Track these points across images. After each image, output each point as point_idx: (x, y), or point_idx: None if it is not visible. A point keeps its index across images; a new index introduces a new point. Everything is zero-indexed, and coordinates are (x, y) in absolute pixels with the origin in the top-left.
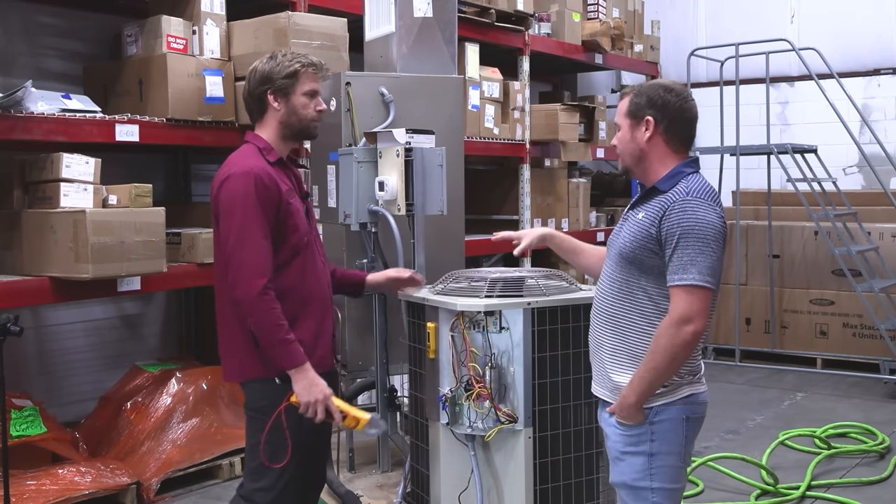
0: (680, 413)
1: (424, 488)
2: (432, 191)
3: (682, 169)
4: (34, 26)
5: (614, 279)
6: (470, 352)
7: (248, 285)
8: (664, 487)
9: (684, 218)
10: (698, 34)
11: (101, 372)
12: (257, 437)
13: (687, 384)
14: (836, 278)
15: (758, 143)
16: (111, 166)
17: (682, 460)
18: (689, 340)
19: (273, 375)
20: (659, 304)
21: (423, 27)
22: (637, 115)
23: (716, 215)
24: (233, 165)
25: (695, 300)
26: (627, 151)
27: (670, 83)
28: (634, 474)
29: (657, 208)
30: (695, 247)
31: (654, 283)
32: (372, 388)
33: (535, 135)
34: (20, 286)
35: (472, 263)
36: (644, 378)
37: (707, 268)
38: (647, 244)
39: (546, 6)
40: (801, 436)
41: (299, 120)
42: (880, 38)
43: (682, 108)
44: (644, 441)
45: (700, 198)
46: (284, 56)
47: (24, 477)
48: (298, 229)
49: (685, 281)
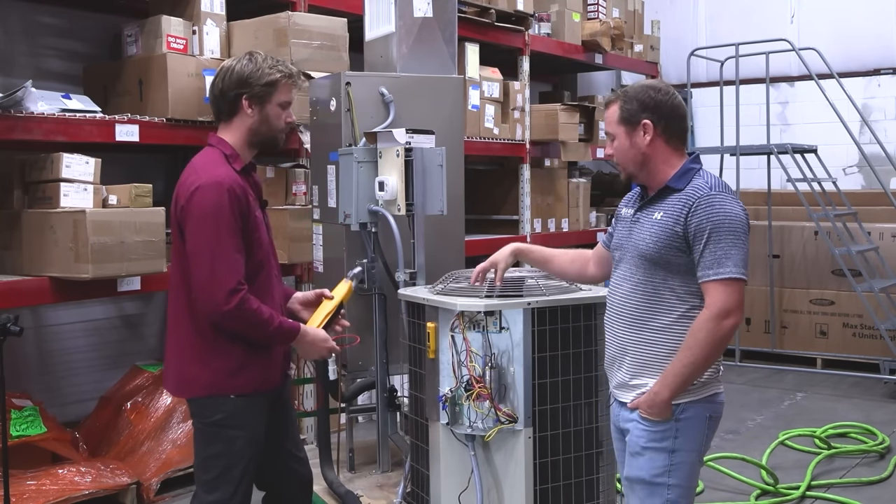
0: (704, 411)
1: (424, 488)
2: (432, 191)
3: (692, 165)
4: (34, 26)
5: (636, 282)
6: (470, 352)
7: (224, 300)
8: (680, 485)
9: (713, 213)
10: (698, 34)
11: (101, 372)
12: (211, 450)
13: (711, 382)
14: (836, 278)
15: (758, 143)
16: (111, 166)
17: (699, 459)
18: (728, 333)
19: (228, 393)
20: (686, 302)
21: (423, 27)
22: (632, 120)
23: (740, 208)
24: (201, 174)
25: (733, 292)
26: (629, 158)
27: (655, 83)
28: (654, 470)
29: (679, 206)
30: (727, 240)
31: (682, 281)
32: (372, 388)
33: (535, 135)
34: (20, 286)
35: (472, 263)
36: (680, 373)
37: (741, 260)
38: (674, 243)
39: (546, 6)
40: (801, 436)
41: (269, 129)
42: (880, 38)
43: (674, 105)
44: (668, 437)
45: (723, 192)
46: (265, 61)
47: (24, 477)
48: (262, 244)
49: (721, 275)
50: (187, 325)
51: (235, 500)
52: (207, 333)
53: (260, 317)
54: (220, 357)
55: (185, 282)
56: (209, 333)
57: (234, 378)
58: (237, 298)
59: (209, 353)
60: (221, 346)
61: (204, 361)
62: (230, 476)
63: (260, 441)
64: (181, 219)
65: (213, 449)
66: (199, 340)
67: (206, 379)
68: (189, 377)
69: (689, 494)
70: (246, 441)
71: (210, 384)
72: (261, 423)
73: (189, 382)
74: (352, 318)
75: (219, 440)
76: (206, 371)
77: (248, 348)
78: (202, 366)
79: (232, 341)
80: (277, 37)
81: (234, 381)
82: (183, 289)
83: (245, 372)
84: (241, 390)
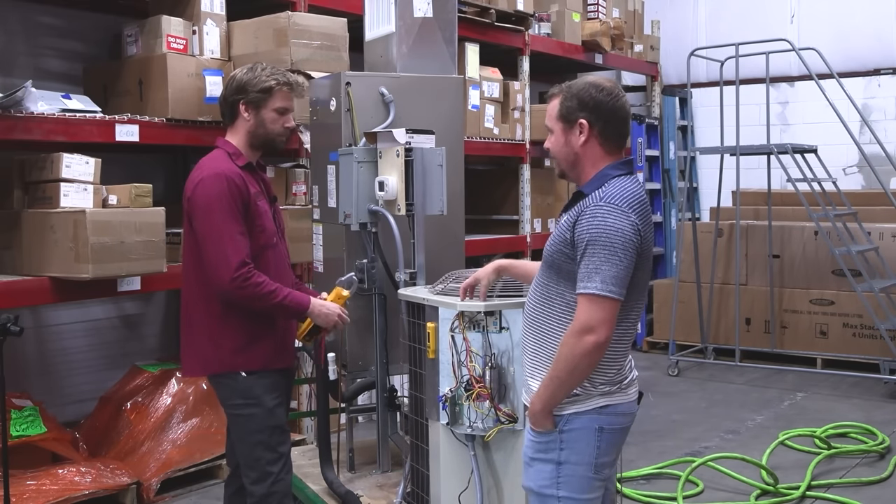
0: (592, 423)
1: (424, 488)
2: (432, 191)
3: (609, 171)
4: (34, 26)
5: (537, 283)
6: (470, 352)
7: (232, 273)
8: (572, 497)
9: (593, 224)
10: (698, 34)
11: (101, 372)
12: (244, 432)
13: (602, 395)
14: (836, 278)
15: (758, 143)
16: (111, 166)
17: (593, 470)
18: (589, 350)
19: (237, 370)
20: (574, 310)
21: (423, 27)
22: (569, 118)
23: (627, 222)
24: (204, 169)
25: (597, 309)
26: (562, 156)
27: (600, 81)
28: (542, 481)
29: (574, 213)
30: (601, 255)
31: (572, 288)
32: (372, 388)
33: (535, 135)
34: (20, 286)
35: (472, 263)
36: (548, 386)
37: (612, 277)
38: (563, 249)
39: (546, 6)
40: (801, 436)
41: (266, 133)
42: (880, 38)
43: (614, 107)
44: (553, 449)
45: (612, 204)
46: (264, 70)
47: (24, 477)
48: (266, 230)
49: (588, 290)
50: (200, 311)
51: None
52: (217, 316)
53: (266, 288)
54: (229, 336)
55: (197, 269)
56: (219, 315)
57: (242, 354)
58: (243, 272)
59: (219, 333)
60: (231, 325)
61: (214, 341)
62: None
63: (280, 413)
64: (189, 209)
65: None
66: (210, 322)
67: (218, 356)
68: (202, 357)
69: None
70: (265, 414)
71: (222, 361)
72: (275, 399)
73: (202, 361)
74: (352, 318)
75: (239, 421)
76: (216, 350)
77: (257, 327)
78: (213, 345)
79: (241, 321)
80: (277, 37)
81: (243, 358)
82: (194, 276)
83: (253, 349)
84: (250, 367)
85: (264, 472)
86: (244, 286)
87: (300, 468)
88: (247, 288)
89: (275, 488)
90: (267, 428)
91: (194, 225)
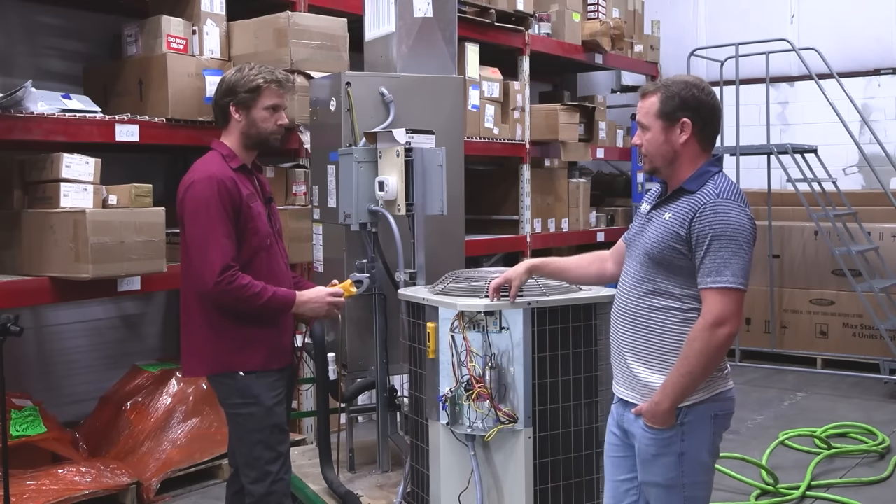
0: (708, 411)
1: (424, 488)
2: (432, 191)
3: (709, 168)
4: (34, 26)
5: (639, 279)
6: (470, 352)
7: (214, 277)
8: (696, 481)
9: (716, 220)
10: (698, 34)
11: (101, 372)
12: (243, 431)
13: (716, 382)
14: (836, 278)
15: (758, 143)
16: (111, 166)
17: (710, 455)
18: (723, 342)
19: (235, 370)
20: (685, 304)
21: (423, 27)
22: (672, 116)
23: (746, 217)
24: (196, 171)
25: (729, 302)
26: (659, 153)
27: (697, 81)
28: (668, 475)
29: (686, 209)
30: (728, 249)
31: (682, 283)
32: (372, 388)
33: (535, 135)
34: (20, 286)
35: (472, 263)
36: (678, 383)
37: (740, 269)
38: (675, 245)
39: (546, 6)
40: (801, 436)
41: (258, 132)
42: (880, 38)
43: (714, 106)
44: (675, 442)
45: (730, 199)
46: (252, 69)
47: (24, 477)
48: (259, 232)
49: (719, 283)
50: (196, 312)
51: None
52: (214, 317)
53: (251, 290)
54: (226, 337)
55: (189, 270)
56: (215, 317)
57: (240, 355)
58: (226, 276)
59: (217, 333)
60: (229, 325)
61: (213, 341)
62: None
63: (279, 412)
64: (180, 212)
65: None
66: (207, 323)
67: (216, 356)
68: (201, 356)
69: (706, 488)
70: (264, 413)
71: (221, 361)
72: (274, 398)
73: (202, 361)
74: (352, 317)
75: (238, 420)
76: (215, 349)
77: (255, 327)
78: (212, 345)
79: (239, 321)
80: (277, 37)
81: (240, 358)
82: (189, 276)
83: (250, 349)
84: (248, 366)
85: (263, 472)
86: (228, 289)
87: (300, 468)
88: (231, 291)
89: (274, 488)
90: (266, 427)
91: (184, 227)
